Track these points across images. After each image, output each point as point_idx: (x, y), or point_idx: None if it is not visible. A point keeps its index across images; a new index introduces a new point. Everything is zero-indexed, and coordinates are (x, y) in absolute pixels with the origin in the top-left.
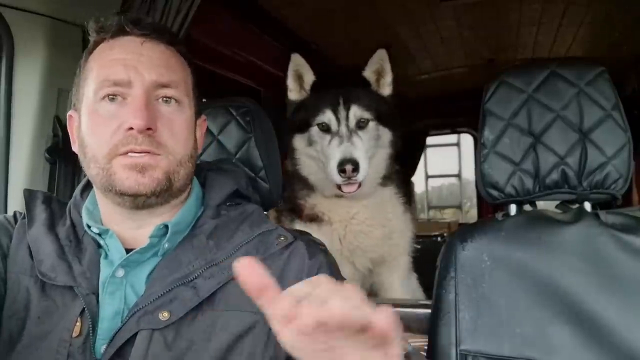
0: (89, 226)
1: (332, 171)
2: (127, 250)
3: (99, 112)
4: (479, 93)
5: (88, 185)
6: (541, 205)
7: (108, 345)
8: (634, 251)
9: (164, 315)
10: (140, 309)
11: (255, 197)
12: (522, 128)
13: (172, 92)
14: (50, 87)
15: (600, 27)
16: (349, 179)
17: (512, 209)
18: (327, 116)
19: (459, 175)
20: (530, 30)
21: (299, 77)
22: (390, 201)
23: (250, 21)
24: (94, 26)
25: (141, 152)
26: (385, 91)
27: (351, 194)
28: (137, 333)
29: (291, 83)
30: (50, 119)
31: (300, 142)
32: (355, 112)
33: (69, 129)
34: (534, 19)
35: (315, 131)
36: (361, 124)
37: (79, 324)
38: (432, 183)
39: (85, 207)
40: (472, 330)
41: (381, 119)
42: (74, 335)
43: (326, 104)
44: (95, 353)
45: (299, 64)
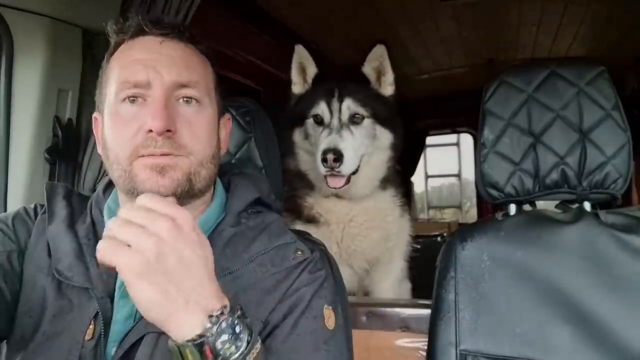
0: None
1: (317, 161)
2: None
3: (119, 113)
4: (478, 93)
5: (111, 183)
6: (541, 205)
7: (117, 347)
8: (633, 251)
9: (172, 342)
10: None
11: (276, 204)
12: (522, 128)
13: (192, 91)
14: (50, 87)
15: (600, 27)
16: (331, 169)
17: (512, 208)
18: (321, 108)
19: (458, 175)
20: (530, 30)
21: (302, 70)
22: (389, 204)
23: (250, 21)
24: (114, 28)
25: (161, 155)
26: (387, 91)
27: (337, 189)
28: (144, 336)
29: (295, 76)
30: (50, 119)
31: (298, 135)
32: (349, 106)
33: (94, 131)
34: (534, 18)
35: (310, 123)
36: (355, 120)
37: (92, 326)
38: (432, 183)
39: (107, 206)
40: (472, 330)
41: (379, 118)
42: (87, 338)
43: (321, 96)
44: (107, 356)
45: (302, 55)
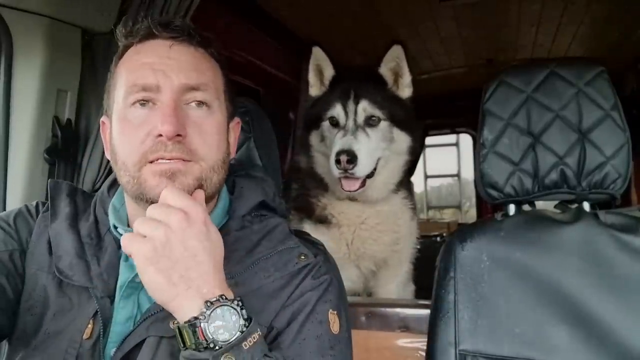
0: (116, 227)
1: (331, 162)
2: None
3: (128, 118)
4: (478, 93)
5: (116, 181)
6: (540, 205)
7: (117, 349)
8: (632, 251)
9: (174, 323)
10: (151, 315)
11: (281, 208)
12: (522, 128)
13: (201, 95)
14: (49, 88)
15: (599, 27)
16: (345, 171)
17: (511, 209)
18: (337, 110)
19: (458, 175)
20: (530, 30)
21: (319, 72)
22: (401, 207)
23: (249, 21)
24: (122, 31)
25: (171, 159)
26: (405, 93)
27: (352, 192)
28: (145, 339)
29: (312, 78)
30: (49, 119)
31: (314, 138)
32: (364, 108)
33: (102, 135)
34: (534, 19)
35: (326, 126)
36: (372, 122)
37: (90, 326)
38: (431, 183)
39: (112, 205)
40: (471, 330)
41: (396, 120)
42: (85, 337)
43: (337, 98)
44: (105, 357)
45: (319, 57)
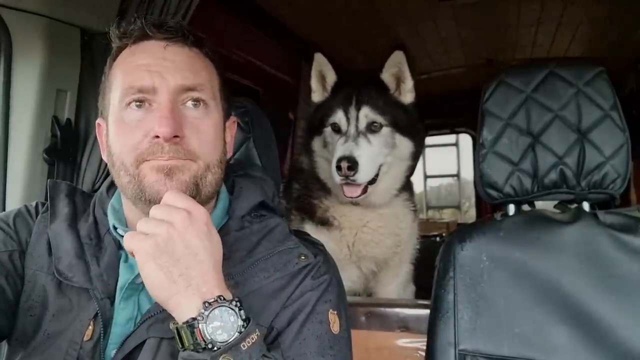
0: (115, 227)
1: (332, 169)
2: None
3: (124, 119)
4: (477, 93)
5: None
6: (540, 205)
7: (118, 350)
8: (632, 251)
9: (173, 325)
10: (151, 316)
11: (280, 208)
12: (521, 128)
13: (198, 94)
14: (49, 88)
15: (598, 27)
16: (346, 177)
17: (511, 209)
18: (338, 116)
19: (457, 176)
20: (529, 31)
21: (322, 78)
22: (403, 209)
23: (248, 21)
24: (116, 32)
25: (168, 160)
26: (407, 99)
27: (353, 199)
28: (146, 340)
29: (314, 84)
30: (48, 119)
31: (317, 144)
32: (366, 114)
33: (98, 137)
34: (533, 19)
35: (328, 132)
36: (373, 128)
37: (91, 327)
38: (431, 183)
39: (111, 205)
40: (471, 330)
41: (398, 126)
42: (86, 339)
43: (339, 104)
44: (106, 358)
45: (321, 63)
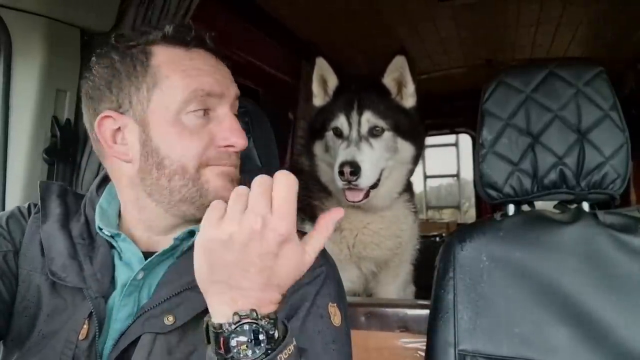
0: (101, 228)
1: (334, 174)
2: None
3: (185, 123)
4: (477, 93)
5: (104, 181)
6: (539, 205)
7: (113, 347)
8: (631, 251)
9: (169, 320)
10: (146, 311)
11: None
12: (521, 128)
13: (237, 105)
14: (48, 88)
15: (598, 28)
16: (348, 182)
17: (511, 209)
18: (340, 121)
19: (457, 176)
20: (529, 31)
21: (323, 82)
22: (404, 210)
23: (248, 21)
24: (169, 31)
25: (231, 167)
26: (408, 103)
27: (356, 203)
28: (141, 336)
29: (316, 88)
30: (48, 119)
31: (318, 148)
32: (368, 118)
33: (102, 130)
34: (532, 19)
35: (330, 136)
36: (375, 132)
37: (86, 326)
38: (431, 183)
39: (99, 205)
40: (470, 330)
41: (400, 131)
42: (81, 338)
43: (340, 108)
44: (103, 357)
45: (323, 67)
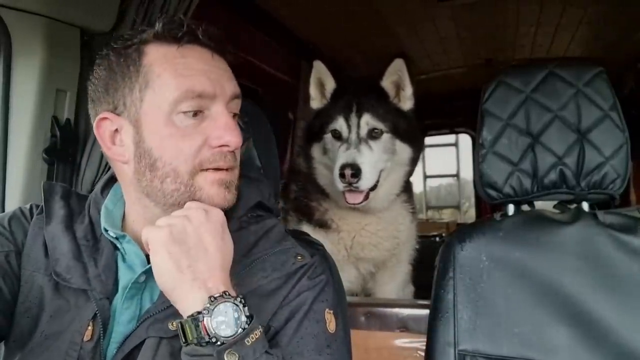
0: (106, 230)
1: (335, 176)
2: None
3: (177, 124)
4: (477, 93)
5: (110, 182)
6: (539, 205)
7: (117, 350)
8: (631, 251)
9: (173, 325)
10: (150, 316)
11: (276, 208)
12: (521, 128)
13: (237, 103)
14: (48, 88)
15: (598, 28)
16: (349, 184)
17: (511, 209)
18: (339, 123)
19: (457, 176)
20: (529, 31)
21: (320, 85)
22: (402, 211)
23: (248, 20)
24: (160, 29)
25: (227, 169)
26: (406, 105)
27: (356, 205)
28: (145, 340)
29: (313, 91)
30: (48, 119)
31: (316, 150)
32: (367, 121)
33: (100, 133)
34: (532, 19)
35: (329, 139)
36: (374, 134)
37: (90, 327)
38: (430, 183)
39: (104, 207)
40: (470, 330)
41: (398, 133)
42: (86, 339)
43: (339, 111)
44: (106, 358)
45: (320, 71)
